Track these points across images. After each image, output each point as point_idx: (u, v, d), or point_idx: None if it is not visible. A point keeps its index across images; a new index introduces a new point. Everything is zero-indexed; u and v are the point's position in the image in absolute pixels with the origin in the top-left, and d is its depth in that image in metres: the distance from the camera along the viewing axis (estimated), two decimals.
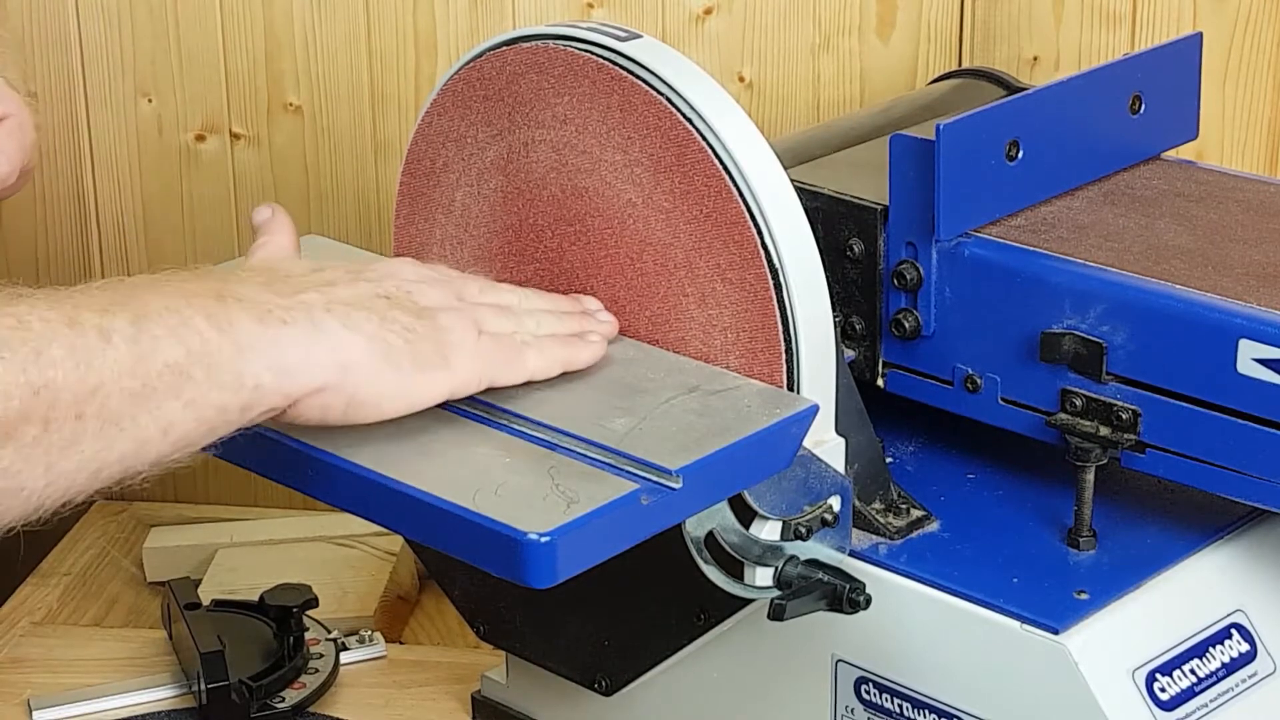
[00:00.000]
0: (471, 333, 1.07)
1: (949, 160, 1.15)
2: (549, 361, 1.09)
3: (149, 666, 1.45)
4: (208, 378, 0.98)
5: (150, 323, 0.97)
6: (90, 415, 0.94)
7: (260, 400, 1.00)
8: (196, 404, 0.98)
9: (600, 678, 1.24)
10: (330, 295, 1.04)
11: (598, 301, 1.16)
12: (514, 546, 0.96)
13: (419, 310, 1.06)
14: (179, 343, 0.97)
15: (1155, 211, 1.22)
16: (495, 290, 1.13)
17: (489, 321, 1.09)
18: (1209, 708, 1.11)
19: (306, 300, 1.03)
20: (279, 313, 1.01)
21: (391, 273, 1.10)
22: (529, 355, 1.08)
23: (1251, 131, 1.59)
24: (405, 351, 1.03)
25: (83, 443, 0.94)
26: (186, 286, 1.01)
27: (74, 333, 0.94)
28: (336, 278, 1.07)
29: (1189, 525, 1.17)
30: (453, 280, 1.12)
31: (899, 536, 1.17)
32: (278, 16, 1.66)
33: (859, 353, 1.22)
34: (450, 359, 1.05)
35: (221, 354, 0.98)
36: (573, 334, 1.11)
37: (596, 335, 1.12)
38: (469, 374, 1.06)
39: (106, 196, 1.72)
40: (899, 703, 1.14)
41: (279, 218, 1.15)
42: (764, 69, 1.63)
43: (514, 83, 1.16)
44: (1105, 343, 1.12)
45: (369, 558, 1.56)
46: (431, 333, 1.05)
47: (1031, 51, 1.59)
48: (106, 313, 0.96)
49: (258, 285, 1.03)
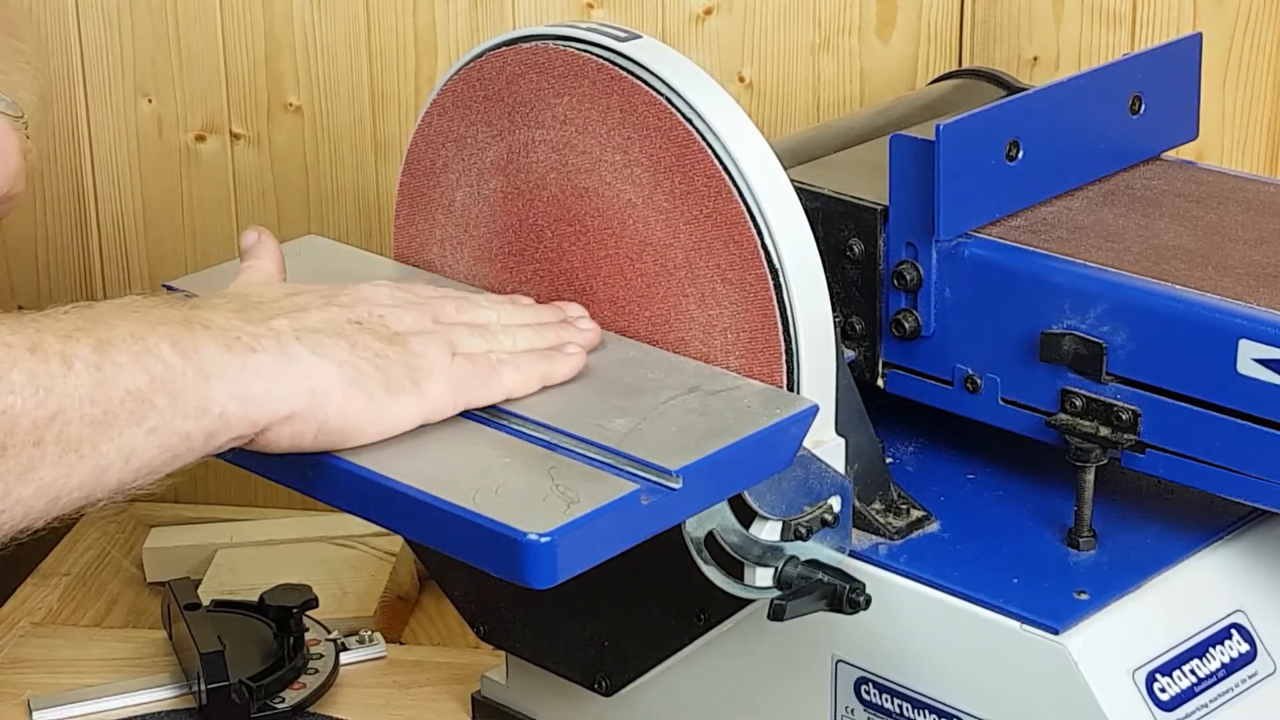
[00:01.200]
0: (445, 355, 1.06)
1: (949, 160, 1.15)
2: (526, 378, 1.08)
3: (149, 667, 1.45)
4: (171, 405, 0.97)
5: (114, 349, 0.96)
6: (49, 442, 0.94)
7: (226, 428, 1.00)
8: (159, 431, 0.97)
9: (600, 678, 1.24)
10: (301, 322, 1.04)
11: (580, 308, 1.15)
12: (514, 546, 0.96)
13: (391, 335, 1.06)
14: (142, 369, 0.97)
15: (1155, 211, 1.22)
16: (472, 308, 1.12)
17: (464, 342, 1.08)
18: (1209, 708, 1.11)
19: (276, 327, 1.03)
20: (247, 340, 1.01)
21: (365, 297, 1.09)
22: (505, 373, 1.08)
23: (1251, 131, 1.59)
24: (376, 378, 1.03)
25: (41, 469, 0.94)
26: (155, 313, 1.00)
27: (35, 358, 0.94)
28: (309, 303, 1.06)
29: (1189, 525, 1.17)
30: (428, 302, 1.11)
31: (899, 537, 1.17)
32: (278, 16, 1.66)
33: (859, 353, 1.22)
34: (422, 384, 1.05)
35: (185, 381, 0.98)
36: (551, 347, 1.11)
37: (575, 346, 1.11)
38: (442, 398, 1.06)
39: (106, 196, 1.72)
40: (899, 703, 1.14)
41: (265, 242, 1.15)
42: (764, 69, 1.63)
43: (514, 83, 1.16)
44: (1105, 343, 1.12)
45: (369, 558, 1.56)
46: (403, 358, 1.05)
47: (1031, 51, 1.59)
48: (70, 338, 0.96)
49: (228, 312, 1.03)
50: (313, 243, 1.32)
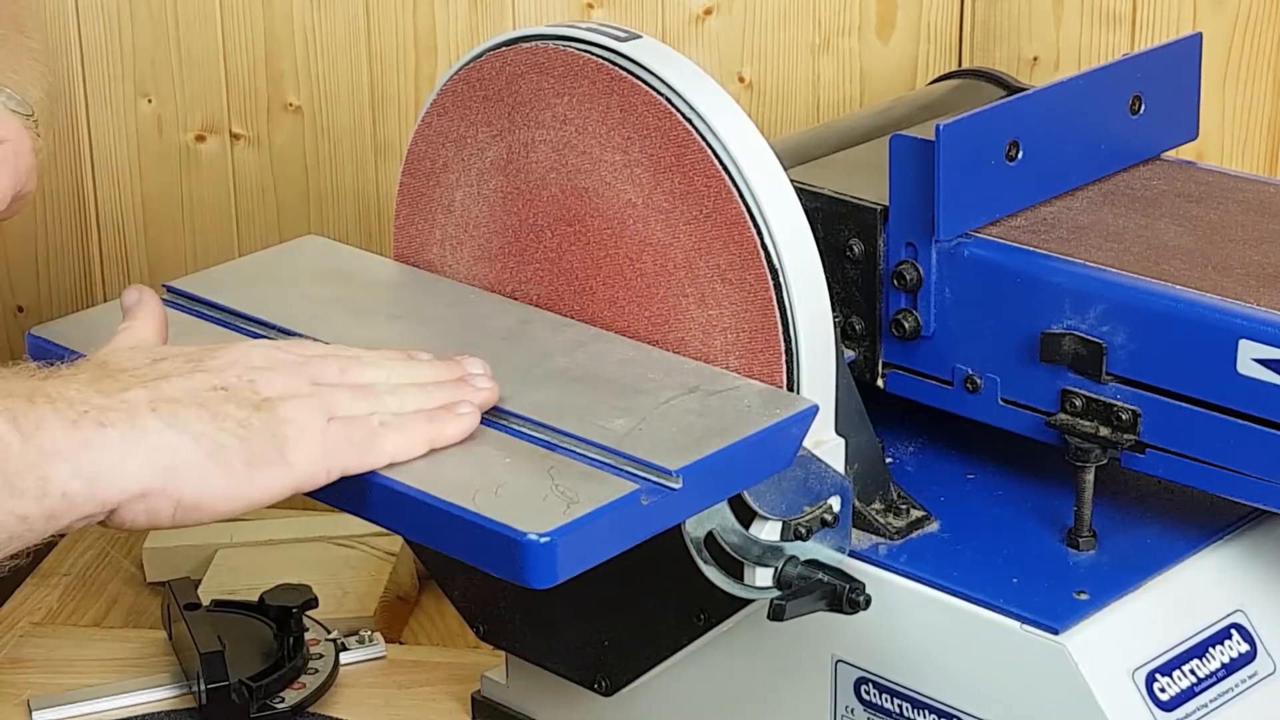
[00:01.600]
0: (317, 421, 1.00)
1: (949, 160, 1.15)
2: (410, 441, 1.02)
3: (149, 666, 1.45)
4: (6, 485, 0.93)
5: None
6: None
7: (70, 509, 0.95)
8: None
9: (600, 678, 1.24)
10: (158, 392, 0.99)
11: (481, 363, 1.09)
12: (514, 547, 0.96)
13: (258, 402, 1.00)
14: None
15: (1155, 211, 1.22)
16: (358, 366, 1.06)
17: (342, 406, 1.02)
18: (1209, 708, 1.11)
19: (130, 399, 0.97)
20: (95, 414, 0.96)
21: (234, 360, 1.03)
22: (387, 437, 1.02)
23: (1251, 131, 1.59)
24: (237, 450, 0.98)
25: None
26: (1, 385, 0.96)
27: None
28: (171, 369, 1.01)
29: (1189, 525, 1.17)
30: (306, 362, 1.04)
31: (899, 537, 1.17)
32: (278, 16, 1.66)
33: (859, 353, 1.22)
34: (288, 454, 0.99)
35: (23, 460, 0.93)
36: (441, 406, 1.05)
37: (468, 405, 1.05)
38: (311, 467, 1.00)
39: (106, 196, 1.72)
40: (899, 703, 1.14)
41: (146, 302, 1.09)
42: (764, 69, 1.63)
43: (514, 83, 1.16)
44: (1105, 343, 1.12)
45: (369, 558, 1.56)
46: (270, 426, 0.99)
47: (1031, 51, 1.59)
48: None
49: (81, 383, 0.98)
50: (312, 243, 1.32)
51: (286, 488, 1.00)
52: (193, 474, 0.97)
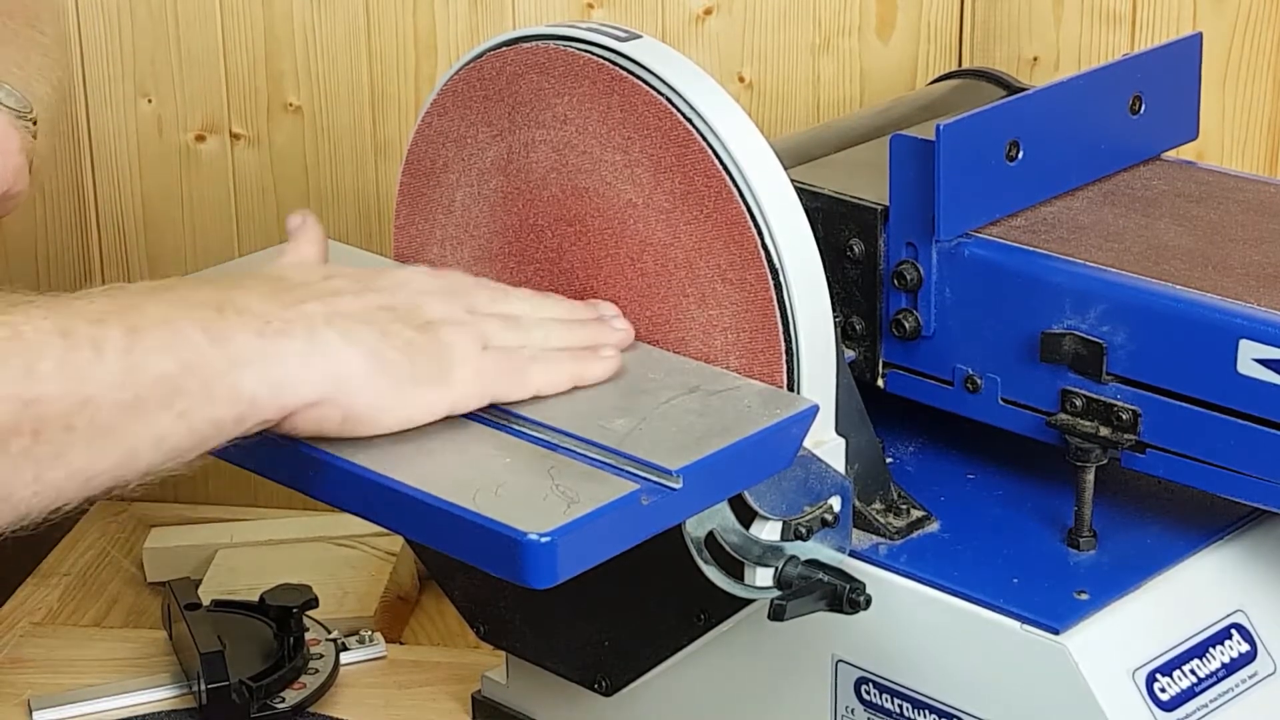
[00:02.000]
0: (475, 348, 1.06)
1: (949, 160, 1.15)
2: (556, 377, 1.07)
3: (149, 666, 1.45)
4: (202, 391, 0.97)
5: (144, 335, 0.96)
6: (81, 427, 0.94)
7: (255, 413, 1.00)
8: (189, 416, 0.97)
9: (600, 678, 1.24)
10: (333, 307, 1.04)
11: (613, 306, 1.14)
12: (514, 546, 0.96)
13: (423, 324, 1.05)
14: (172, 355, 0.96)
15: (1155, 211, 1.22)
16: (506, 299, 1.11)
17: (495, 335, 1.07)
18: (1209, 708, 1.11)
19: (308, 311, 1.02)
20: (278, 324, 1.00)
21: (402, 283, 1.09)
22: (535, 371, 1.07)
23: (1251, 131, 1.59)
24: (404, 366, 1.03)
25: (72, 453, 0.94)
26: (188, 296, 1.00)
27: (66, 344, 0.94)
28: (343, 287, 1.06)
29: (1189, 525, 1.17)
30: (463, 291, 1.10)
31: (899, 537, 1.17)
32: (278, 16, 1.66)
33: (859, 353, 1.22)
34: (450, 375, 1.04)
35: (216, 367, 0.98)
36: (585, 347, 1.10)
37: (610, 349, 1.10)
38: (469, 391, 1.05)
39: (106, 196, 1.72)
40: (899, 703, 1.14)
41: (309, 226, 1.15)
42: (764, 69, 1.63)
43: (514, 83, 1.16)
44: (1105, 343, 1.12)
45: (369, 558, 1.56)
46: (433, 347, 1.04)
47: (1031, 51, 1.59)
48: (101, 323, 0.96)
49: (261, 295, 1.03)
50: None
51: (444, 407, 1.04)
52: (364, 386, 1.02)
